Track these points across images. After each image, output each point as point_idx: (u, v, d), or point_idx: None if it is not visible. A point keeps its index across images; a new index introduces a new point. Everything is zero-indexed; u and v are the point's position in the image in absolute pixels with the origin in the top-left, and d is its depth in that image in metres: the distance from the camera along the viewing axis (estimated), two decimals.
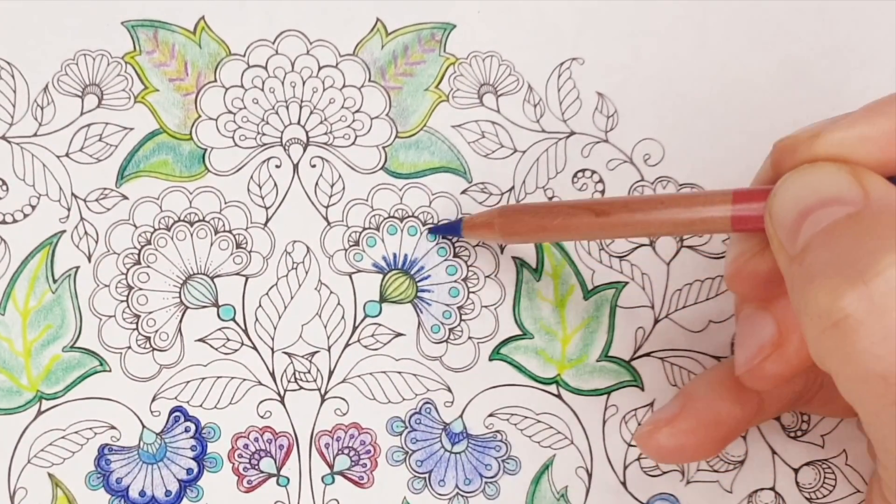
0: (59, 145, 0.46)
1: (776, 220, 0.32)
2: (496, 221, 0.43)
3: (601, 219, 0.38)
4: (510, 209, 0.43)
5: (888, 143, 0.31)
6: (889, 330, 0.27)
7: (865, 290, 0.27)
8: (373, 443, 0.47)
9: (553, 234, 0.42)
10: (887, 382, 0.27)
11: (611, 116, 0.48)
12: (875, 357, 0.27)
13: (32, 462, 0.46)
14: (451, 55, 0.47)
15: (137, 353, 0.46)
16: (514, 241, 0.45)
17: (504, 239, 0.44)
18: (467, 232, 0.45)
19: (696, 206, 0.36)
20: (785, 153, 0.34)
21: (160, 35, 0.47)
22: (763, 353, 0.37)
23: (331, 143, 0.47)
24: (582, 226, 0.39)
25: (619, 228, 0.38)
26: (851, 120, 0.32)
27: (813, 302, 0.29)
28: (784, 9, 0.48)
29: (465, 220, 0.45)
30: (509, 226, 0.42)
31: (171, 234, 0.46)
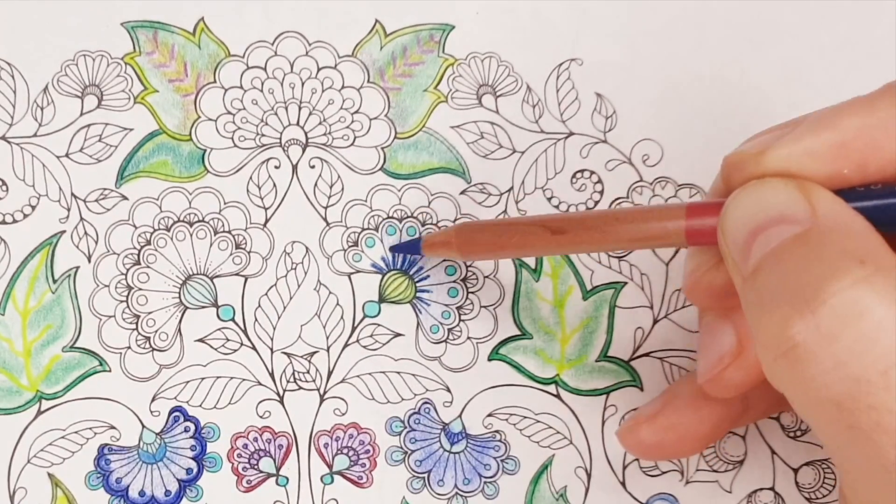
0: (59, 146, 0.46)
1: (728, 239, 0.32)
2: (454, 240, 0.42)
3: (557, 236, 0.38)
4: (467, 227, 0.43)
5: (835, 157, 0.31)
6: (838, 357, 0.27)
7: (813, 318, 0.28)
8: (372, 443, 0.47)
9: (511, 251, 0.42)
10: (840, 408, 0.28)
11: (609, 117, 0.48)
12: (825, 385, 0.28)
13: (32, 462, 0.46)
14: (449, 56, 0.48)
15: (137, 353, 0.46)
16: (472, 258, 0.45)
17: (462, 257, 0.43)
18: (426, 250, 0.45)
19: (651, 220, 0.36)
20: (733, 169, 0.34)
21: (160, 36, 0.47)
22: (723, 363, 0.37)
23: (330, 143, 0.47)
24: (539, 244, 0.39)
25: (576, 245, 0.39)
26: (797, 134, 0.32)
27: (764, 330, 0.29)
28: (783, 9, 0.48)
29: (424, 238, 0.45)
30: (467, 244, 0.42)
31: (171, 235, 0.46)
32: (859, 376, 0.27)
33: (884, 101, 0.31)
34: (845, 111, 0.31)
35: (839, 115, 0.31)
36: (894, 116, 0.31)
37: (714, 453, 0.47)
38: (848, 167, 0.31)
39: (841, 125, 0.31)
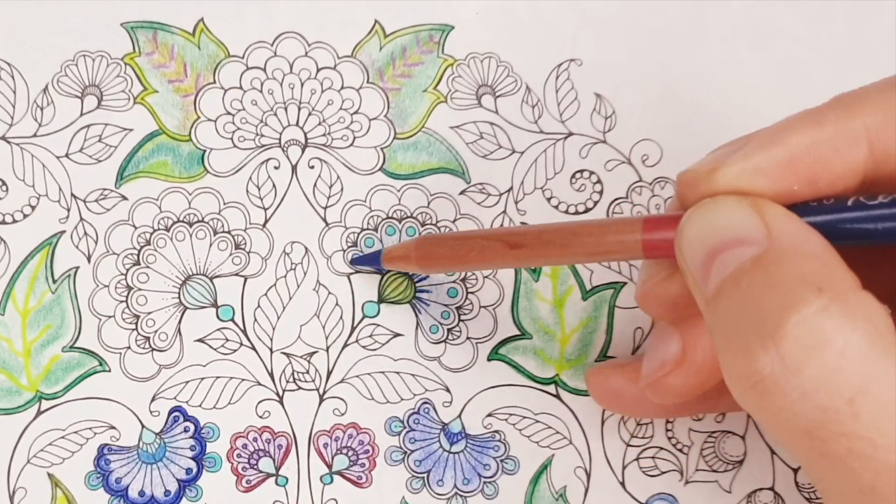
0: (59, 146, 0.47)
1: (687, 259, 0.32)
2: (413, 254, 0.43)
3: (516, 251, 0.38)
4: (426, 241, 0.43)
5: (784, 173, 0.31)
6: (805, 388, 0.28)
7: (776, 351, 0.28)
8: (371, 443, 0.47)
9: (469, 265, 0.42)
10: (811, 437, 0.28)
11: (609, 117, 0.48)
12: (795, 415, 0.28)
13: (32, 462, 0.46)
14: (449, 56, 0.48)
15: (137, 353, 0.46)
16: (431, 271, 0.45)
17: (422, 270, 0.43)
18: (386, 263, 0.45)
19: (608, 234, 0.36)
20: (686, 186, 0.34)
21: (159, 36, 0.47)
22: (664, 369, 0.38)
23: (329, 144, 0.47)
24: (497, 258, 0.39)
25: (535, 259, 0.39)
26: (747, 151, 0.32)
27: (730, 364, 0.29)
28: (783, 9, 0.48)
29: (383, 251, 0.45)
30: (426, 258, 0.42)
31: (171, 235, 0.46)
32: (826, 406, 0.27)
33: (830, 115, 0.31)
34: (792, 127, 0.32)
35: (787, 131, 0.31)
36: (841, 132, 0.31)
37: (714, 453, 0.47)
38: (798, 183, 0.31)
39: (789, 141, 0.31)
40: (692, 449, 0.47)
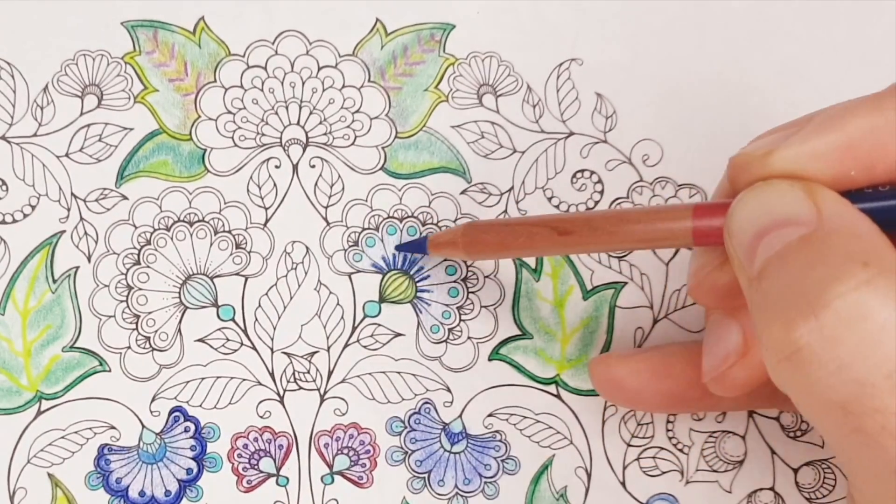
0: (59, 145, 0.46)
1: (734, 241, 0.32)
2: (460, 240, 0.42)
3: (564, 237, 0.38)
4: (473, 227, 0.43)
5: (841, 159, 0.31)
6: (843, 360, 0.27)
7: (816, 322, 0.28)
8: (372, 443, 0.47)
9: (516, 251, 0.42)
10: (846, 411, 0.28)
11: (610, 117, 0.48)
12: (831, 388, 0.28)
13: (32, 462, 0.46)
14: (450, 55, 0.47)
15: (137, 353, 0.46)
16: (477, 258, 0.45)
17: (468, 256, 0.43)
18: (432, 249, 0.45)
19: (658, 221, 0.36)
20: (739, 170, 0.34)
21: (160, 35, 0.47)
22: (728, 362, 0.37)
23: (330, 143, 0.47)
24: (545, 244, 0.39)
25: (583, 245, 0.38)
26: (804, 135, 0.32)
27: (768, 334, 0.29)
28: (783, 9, 0.48)
29: (430, 237, 0.45)
30: (473, 244, 0.42)
31: (171, 235, 0.46)
32: (864, 380, 0.27)
33: (891, 101, 0.31)
34: (851, 112, 0.31)
35: (846, 116, 0.31)
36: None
37: (714, 453, 0.47)
38: (855, 169, 0.31)
39: (847, 126, 0.31)
40: (693, 449, 0.47)
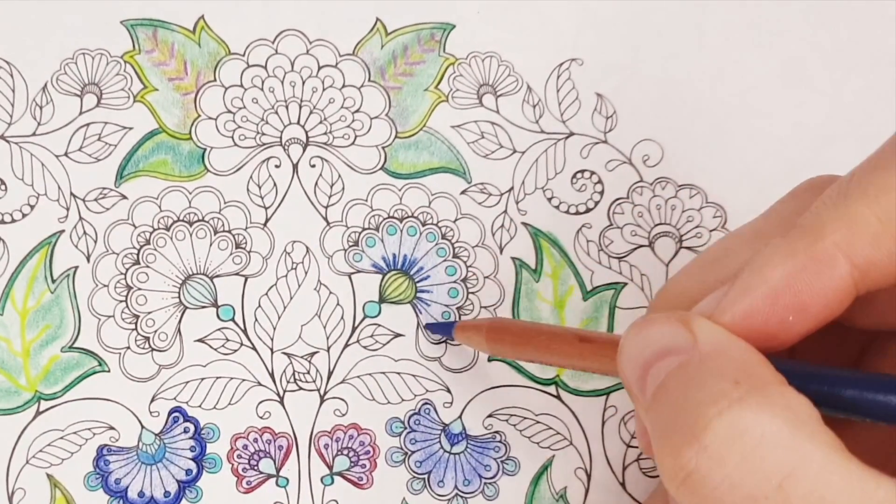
0: (58, 145, 0.46)
1: (626, 377, 0.33)
2: (484, 334, 0.43)
3: (584, 344, 0.38)
4: (498, 322, 0.43)
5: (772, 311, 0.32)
6: (732, 479, 0.28)
7: (699, 445, 0.28)
8: (372, 443, 0.46)
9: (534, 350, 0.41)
10: None
11: (610, 117, 0.48)
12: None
13: (31, 463, 0.46)
14: (450, 55, 0.47)
15: (136, 353, 0.46)
16: (497, 351, 0.45)
17: (489, 349, 0.43)
18: (458, 334, 0.45)
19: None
20: None
21: (159, 34, 0.47)
22: None
23: (330, 142, 0.47)
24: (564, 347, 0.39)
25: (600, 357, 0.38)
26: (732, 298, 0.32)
27: (661, 461, 0.30)
28: (783, 9, 0.48)
29: (457, 324, 0.45)
30: (495, 339, 0.42)
31: (171, 234, 0.46)
32: (755, 495, 0.28)
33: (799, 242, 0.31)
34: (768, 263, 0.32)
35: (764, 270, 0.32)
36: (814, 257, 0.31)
37: None
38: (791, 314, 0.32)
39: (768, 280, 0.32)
40: None
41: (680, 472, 0.29)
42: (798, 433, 0.28)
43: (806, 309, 0.32)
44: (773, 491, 0.27)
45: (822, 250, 0.31)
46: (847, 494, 0.27)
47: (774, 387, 0.29)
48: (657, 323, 0.32)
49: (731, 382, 0.29)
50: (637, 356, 0.33)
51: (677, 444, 0.29)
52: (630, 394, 0.33)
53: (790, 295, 0.31)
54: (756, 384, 0.29)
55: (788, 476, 0.27)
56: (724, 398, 0.28)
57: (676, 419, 0.29)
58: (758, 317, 0.32)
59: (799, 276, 0.31)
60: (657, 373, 0.31)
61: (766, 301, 0.31)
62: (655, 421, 0.31)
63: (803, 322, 0.32)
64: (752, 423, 0.28)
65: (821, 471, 0.27)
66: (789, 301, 0.31)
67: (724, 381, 0.29)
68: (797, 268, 0.31)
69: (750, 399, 0.28)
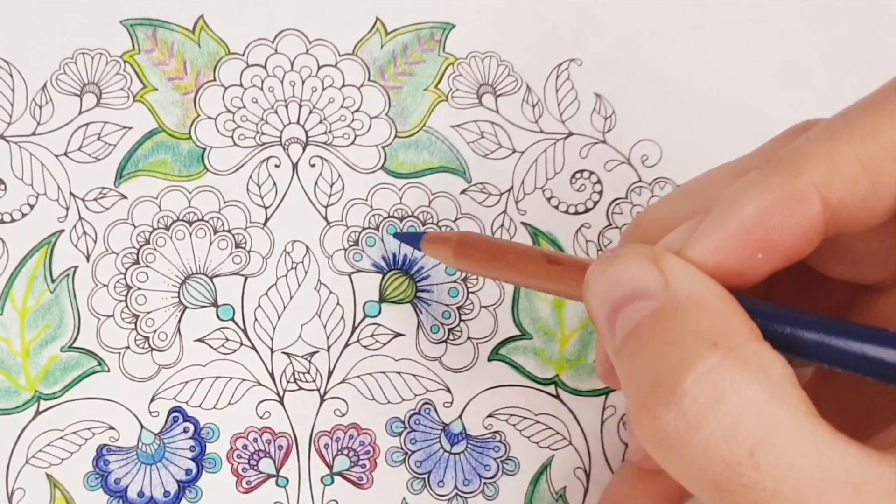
0: (58, 144, 0.46)
1: (593, 315, 0.33)
2: (452, 244, 0.42)
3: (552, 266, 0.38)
4: (468, 235, 0.42)
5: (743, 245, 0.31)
6: (707, 443, 0.28)
7: (678, 409, 0.28)
8: (372, 443, 0.46)
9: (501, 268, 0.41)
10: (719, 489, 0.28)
11: (609, 117, 0.48)
12: (701, 469, 0.28)
13: (30, 462, 0.45)
14: (450, 55, 0.47)
15: (136, 353, 0.46)
16: (463, 265, 0.44)
17: (455, 261, 0.42)
18: (425, 245, 0.44)
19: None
20: None
21: (159, 34, 0.47)
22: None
23: (330, 142, 0.47)
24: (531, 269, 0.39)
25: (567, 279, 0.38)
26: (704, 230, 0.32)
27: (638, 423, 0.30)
28: (783, 9, 0.48)
29: (426, 235, 0.45)
30: (463, 249, 0.42)
31: (170, 234, 0.46)
32: (729, 459, 0.28)
33: (776, 178, 0.31)
34: (743, 196, 0.32)
35: (737, 203, 0.32)
36: (790, 194, 0.31)
37: None
38: (760, 251, 0.32)
39: (741, 213, 0.31)
40: None
41: (657, 433, 0.29)
42: (772, 399, 0.28)
43: (775, 247, 0.32)
44: (745, 457, 0.28)
45: (798, 187, 0.31)
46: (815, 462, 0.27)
47: (750, 345, 0.29)
48: (626, 259, 0.32)
49: (709, 344, 0.29)
50: (606, 295, 0.32)
51: (654, 406, 0.29)
52: (595, 326, 0.33)
53: (762, 231, 0.31)
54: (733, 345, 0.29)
55: (760, 442, 0.28)
56: (702, 362, 0.28)
57: (652, 377, 0.29)
58: (728, 252, 0.32)
59: (772, 212, 0.31)
60: (628, 316, 0.31)
61: (737, 236, 0.31)
62: (628, 372, 0.31)
63: (771, 260, 0.32)
64: (730, 388, 0.28)
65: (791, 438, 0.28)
66: (760, 237, 0.31)
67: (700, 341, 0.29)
68: (771, 203, 0.31)
69: (727, 364, 0.28)
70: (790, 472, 0.27)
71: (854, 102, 0.32)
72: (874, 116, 0.30)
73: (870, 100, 0.31)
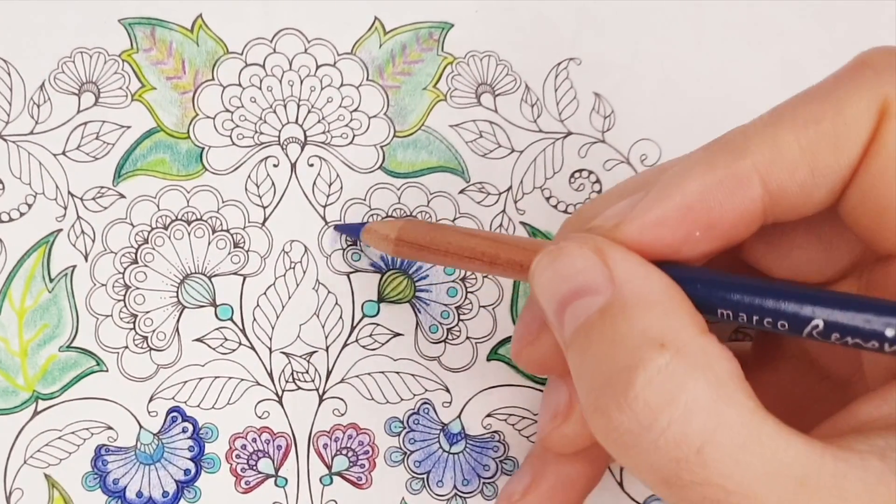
0: (56, 143, 0.46)
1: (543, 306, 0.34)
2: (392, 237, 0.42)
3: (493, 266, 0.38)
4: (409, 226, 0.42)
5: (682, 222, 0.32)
6: (657, 442, 0.29)
7: (630, 412, 0.29)
8: (371, 443, 0.46)
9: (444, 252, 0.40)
10: (669, 485, 0.29)
11: (608, 117, 0.48)
12: (652, 465, 0.29)
13: (29, 463, 0.45)
14: (448, 54, 0.47)
15: (134, 352, 0.46)
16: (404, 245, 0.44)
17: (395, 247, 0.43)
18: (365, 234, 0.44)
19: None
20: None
21: (157, 33, 0.47)
22: (556, 421, 0.38)
23: (328, 142, 0.47)
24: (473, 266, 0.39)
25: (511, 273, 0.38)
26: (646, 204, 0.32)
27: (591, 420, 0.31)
28: (782, 9, 0.48)
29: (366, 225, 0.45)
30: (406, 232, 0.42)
31: (169, 233, 0.46)
32: (678, 457, 0.29)
33: (720, 158, 0.32)
34: (686, 173, 0.32)
35: (681, 179, 0.32)
36: (731, 174, 0.31)
37: None
38: (698, 229, 0.32)
39: (684, 189, 0.32)
40: None
41: (611, 433, 0.30)
42: (719, 397, 0.29)
43: (714, 227, 0.32)
44: (694, 455, 0.28)
45: (741, 169, 0.31)
46: (759, 457, 0.28)
47: (696, 342, 0.30)
48: (571, 253, 0.32)
49: (656, 345, 0.29)
50: (552, 290, 0.33)
51: (607, 408, 0.30)
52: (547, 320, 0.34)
53: (702, 209, 0.32)
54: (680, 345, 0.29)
55: (708, 440, 0.28)
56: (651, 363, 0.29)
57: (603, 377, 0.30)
58: (667, 228, 0.32)
59: (714, 190, 0.32)
60: (576, 312, 0.32)
61: (677, 212, 0.32)
62: (579, 369, 0.31)
63: (708, 240, 0.32)
64: (679, 389, 0.29)
65: (736, 435, 0.28)
66: (700, 215, 0.32)
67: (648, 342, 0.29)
68: (714, 182, 0.32)
69: (675, 367, 0.29)
70: (736, 468, 0.28)
71: (801, 91, 0.32)
72: (818, 104, 0.31)
73: (816, 88, 0.32)
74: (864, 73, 0.31)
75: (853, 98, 0.31)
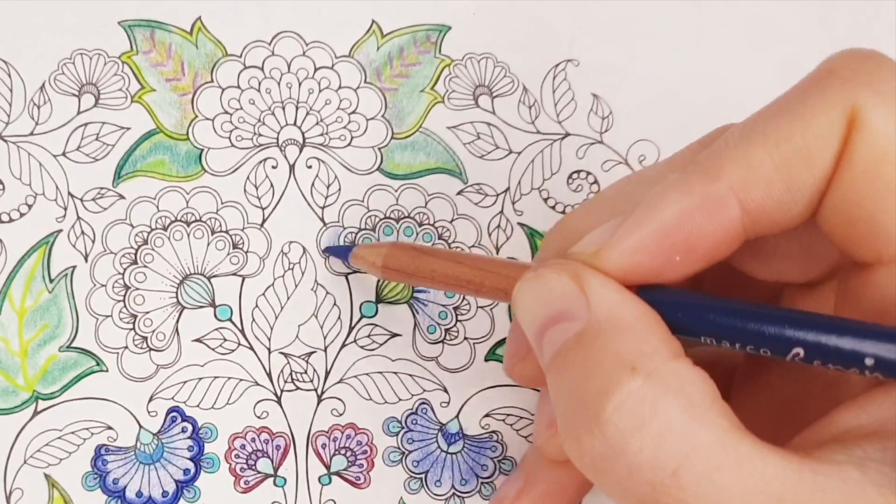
0: (56, 144, 0.46)
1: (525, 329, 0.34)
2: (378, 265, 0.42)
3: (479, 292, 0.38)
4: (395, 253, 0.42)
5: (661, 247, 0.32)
6: (631, 466, 0.29)
7: (602, 436, 0.29)
8: (369, 443, 0.47)
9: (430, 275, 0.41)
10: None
11: (606, 118, 0.48)
12: (628, 490, 0.29)
13: (29, 462, 0.46)
14: (446, 57, 0.48)
15: (134, 353, 0.46)
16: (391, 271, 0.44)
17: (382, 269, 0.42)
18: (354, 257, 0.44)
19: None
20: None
21: (157, 35, 0.47)
22: (552, 430, 0.38)
23: (327, 143, 0.47)
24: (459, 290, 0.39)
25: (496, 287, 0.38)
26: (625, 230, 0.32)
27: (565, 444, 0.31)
28: (781, 9, 0.48)
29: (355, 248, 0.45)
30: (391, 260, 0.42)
31: (168, 234, 0.46)
32: (653, 481, 0.29)
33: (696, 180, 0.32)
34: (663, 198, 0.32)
35: (659, 204, 0.32)
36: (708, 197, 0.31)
37: None
38: (678, 254, 0.32)
39: (661, 214, 0.32)
40: None
41: (584, 457, 0.30)
42: (692, 419, 0.29)
43: (693, 250, 0.32)
44: (669, 478, 0.28)
45: (717, 191, 0.31)
46: (736, 476, 0.28)
47: (669, 366, 0.29)
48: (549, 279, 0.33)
49: (628, 369, 0.29)
50: (532, 315, 0.33)
51: (579, 433, 0.30)
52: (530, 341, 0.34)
53: (680, 234, 0.32)
54: (651, 369, 0.29)
55: (682, 464, 0.28)
56: (621, 387, 0.29)
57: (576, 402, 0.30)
58: (646, 253, 0.32)
59: (691, 215, 0.31)
60: (554, 338, 0.32)
61: (656, 238, 0.32)
62: (556, 393, 0.32)
63: (688, 263, 0.32)
64: (650, 413, 0.29)
65: (712, 455, 0.28)
66: (678, 240, 0.32)
67: (620, 366, 0.30)
68: (691, 206, 0.31)
69: (646, 391, 0.29)
70: (713, 489, 0.28)
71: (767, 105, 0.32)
72: (787, 119, 0.31)
73: (783, 102, 0.31)
74: (831, 81, 0.31)
75: (821, 109, 0.30)
